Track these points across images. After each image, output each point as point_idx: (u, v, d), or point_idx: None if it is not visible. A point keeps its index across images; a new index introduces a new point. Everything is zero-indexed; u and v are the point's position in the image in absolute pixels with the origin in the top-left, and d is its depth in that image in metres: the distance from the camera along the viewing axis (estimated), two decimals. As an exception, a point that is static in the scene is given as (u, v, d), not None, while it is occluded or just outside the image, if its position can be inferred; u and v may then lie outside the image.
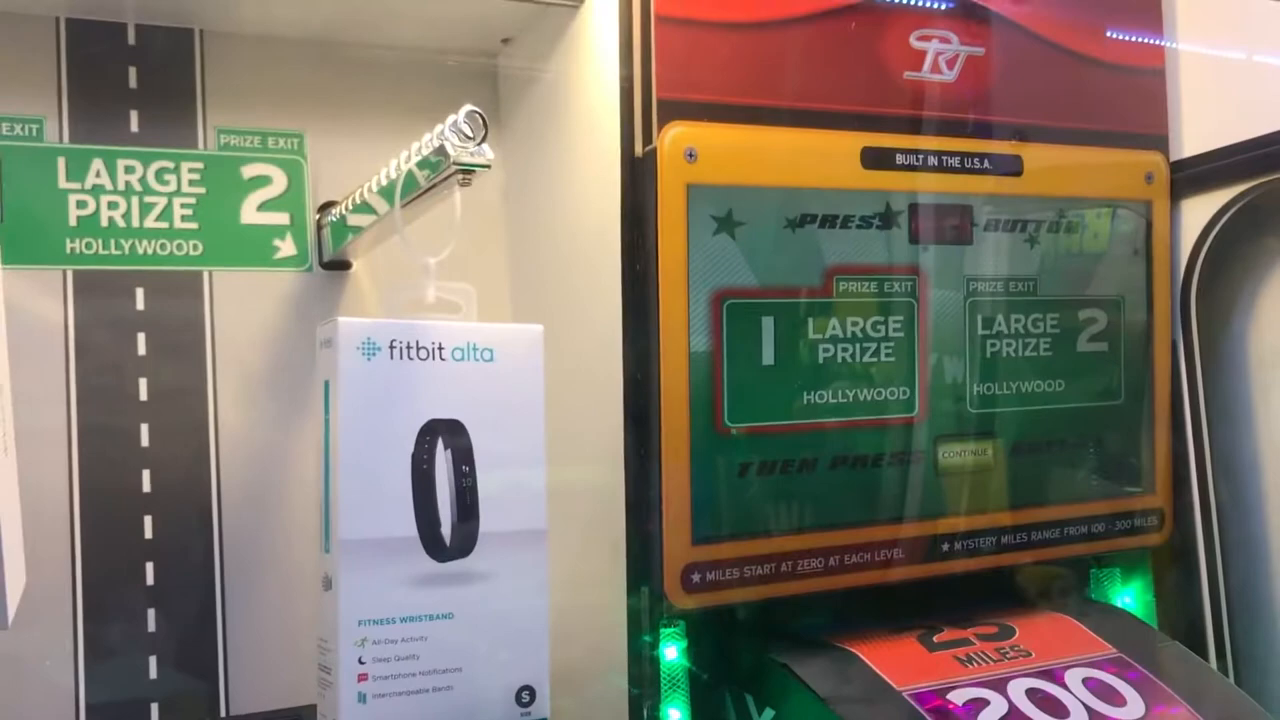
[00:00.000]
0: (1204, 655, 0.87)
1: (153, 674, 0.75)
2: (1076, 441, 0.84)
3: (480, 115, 0.57)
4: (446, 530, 0.61)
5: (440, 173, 0.59)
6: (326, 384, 0.61)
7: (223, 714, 0.76)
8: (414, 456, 0.60)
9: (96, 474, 0.74)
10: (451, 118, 0.58)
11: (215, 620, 0.76)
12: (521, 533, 0.63)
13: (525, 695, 0.64)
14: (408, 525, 0.60)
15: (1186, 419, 0.88)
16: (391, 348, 0.61)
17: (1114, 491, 0.86)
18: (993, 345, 0.80)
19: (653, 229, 0.69)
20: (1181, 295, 0.88)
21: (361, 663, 0.59)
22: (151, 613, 0.75)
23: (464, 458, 0.61)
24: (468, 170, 0.57)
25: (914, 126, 0.77)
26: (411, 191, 0.63)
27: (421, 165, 0.61)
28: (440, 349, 0.62)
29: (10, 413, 0.55)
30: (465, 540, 0.61)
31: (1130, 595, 0.90)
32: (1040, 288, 0.82)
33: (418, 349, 0.61)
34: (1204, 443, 0.88)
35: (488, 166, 0.58)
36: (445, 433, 0.61)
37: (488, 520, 0.62)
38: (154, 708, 0.75)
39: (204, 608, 0.76)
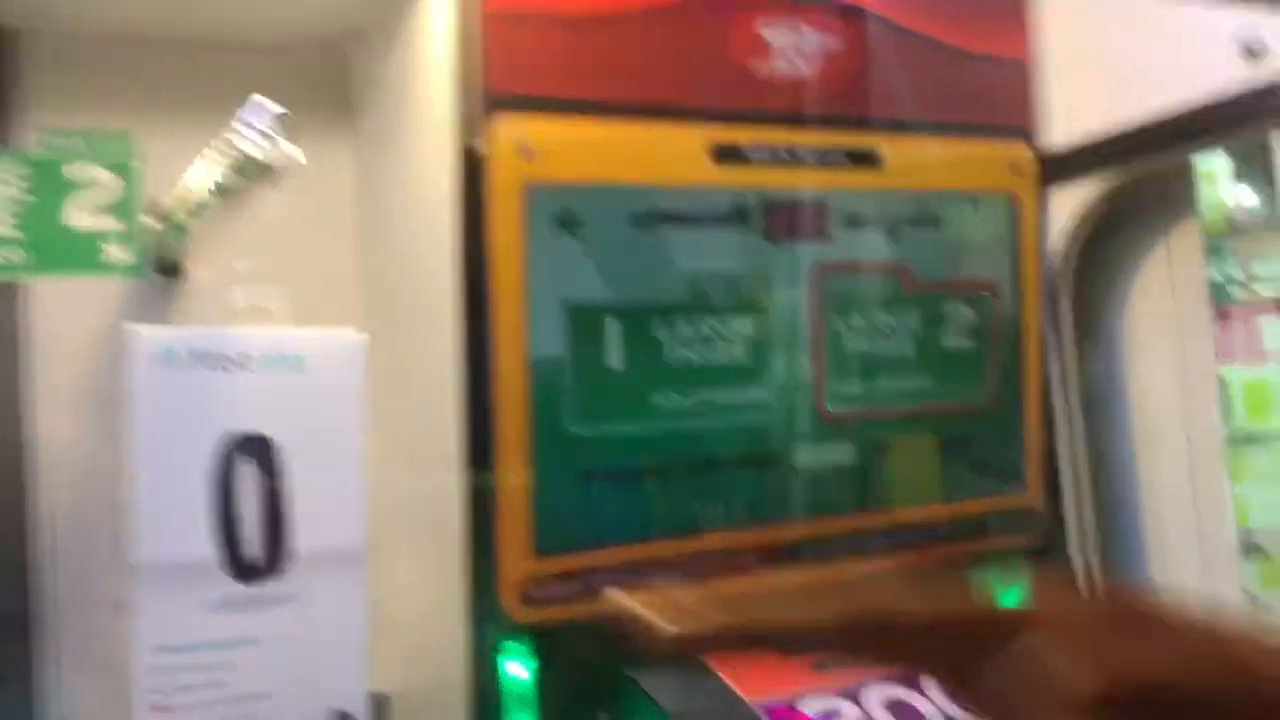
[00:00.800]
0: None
1: (-27, 704, 0.71)
2: (942, 440, 0.82)
3: (273, 111, 0.54)
4: (251, 550, 0.58)
5: (246, 176, 0.56)
6: (123, 394, 0.58)
7: (47, 741, 0.72)
8: (213, 473, 0.57)
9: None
10: (246, 113, 0.55)
11: (38, 671, 0.72)
12: (336, 551, 0.60)
13: (340, 720, 0.61)
14: (206, 546, 0.57)
15: (1059, 415, 0.86)
16: (191, 356, 0.58)
17: (983, 491, 0.84)
18: (853, 344, 0.78)
19: (487, 230, 0.67)
20: (1051, 288, 0.87)
21: (158, 694, 0.56)
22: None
23: (270, 473, 0.58)
24: (268, 168, 0.54)
25: (766, 120, 0.75)
26: (223, 190, 0.60)
27: (234, 167, 0.58)
28: (247, 358, 0.58)
29: None
30: (274, 561, 0.58)
31: (1010, 599, 0.88)
32: (902, 284, 0.80)
33: (220, 357, 0.58)
34: (1077, 439, 0.86)
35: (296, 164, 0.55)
36: (249, 447, 0.58)
37: (299, 539, 0.59)
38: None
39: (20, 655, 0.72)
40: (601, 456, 0.70)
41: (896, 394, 0.80)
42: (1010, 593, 0.84)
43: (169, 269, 0.76)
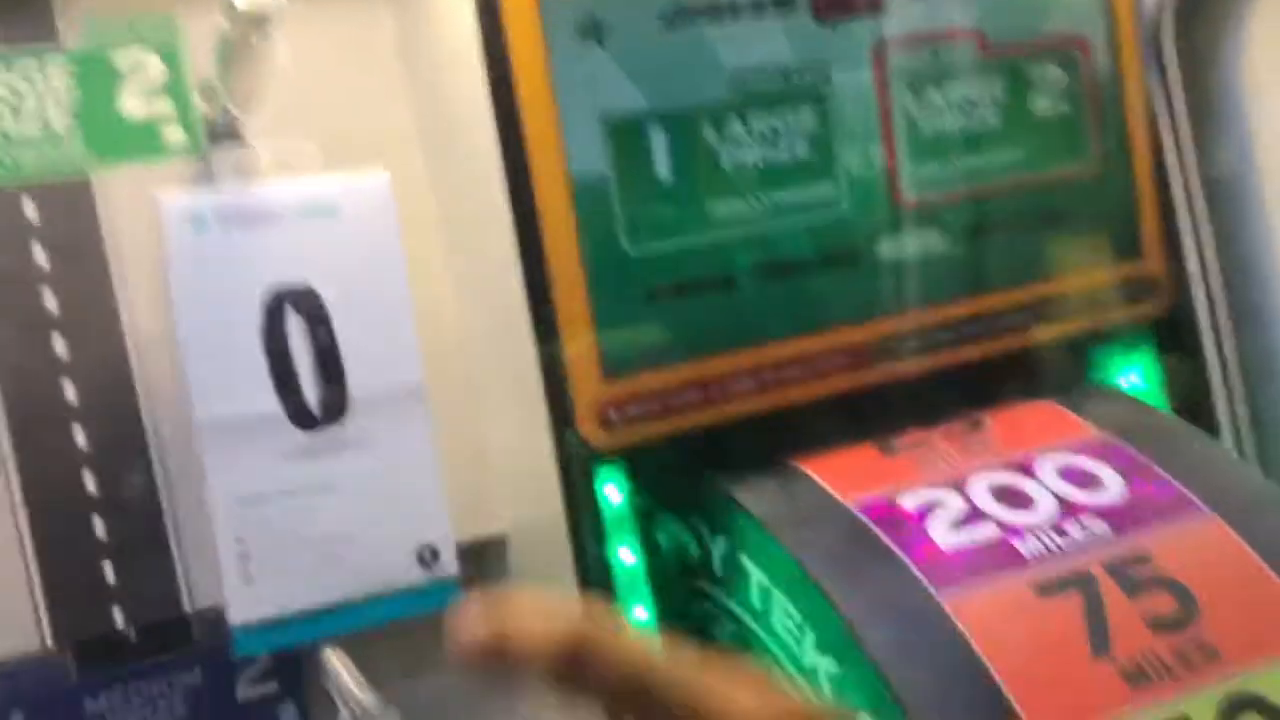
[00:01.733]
0: (1216, 432, 0.80)
1: (110, 579, 0.75)
2: (1041, 215, 0.77)
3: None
4: (311, 399, 0.58)
5: (236, 26, 0.55)
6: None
7: (186, 609, 0.76)
8: (263, 328, 0.58)
9: (17, 389, 0.73)
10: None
11: (162, 518, 0.75)
12: (396, 390, 0.60)
13: (427, 554, 0.62)
14: (269, 399, 0.58)
15: (1175, 175, 0.79)
16: (222, 217, 0.58)
17: (1094, 264, 0.78)
18: (927, 122, 0.73)
19: (508, 49, 0.64)
20: (1154, 36, 0.79)
21: (241, 542, 0.58)
22: (98, 520, 0.75)
23: (318, 321, 0.58)
24: (255, 19, 0.53)
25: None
26: (230, 55, 0.59)
27: (226, 17, 0.57)
28: (277, 211, 0.58)
29: None
30: (333, 406, 0.59)
31: (1136, 374, 0.83)
32: (976, 51, 0.74)
33: (251, 215, 0.58)
34: (1195, 199, 0.79)
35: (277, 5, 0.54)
36: (294, 299, 0.58)
37: (356, 382, 0.59)
38: (117, 610, 0.75)
39: (148, 506, 0.75)
40: (661, 273, 0.68)
41: (983, 170, 0.75)
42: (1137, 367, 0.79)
43: (224, 141, 0.76)
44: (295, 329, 0.58)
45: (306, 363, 0.58)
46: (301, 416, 0.58)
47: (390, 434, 0.60)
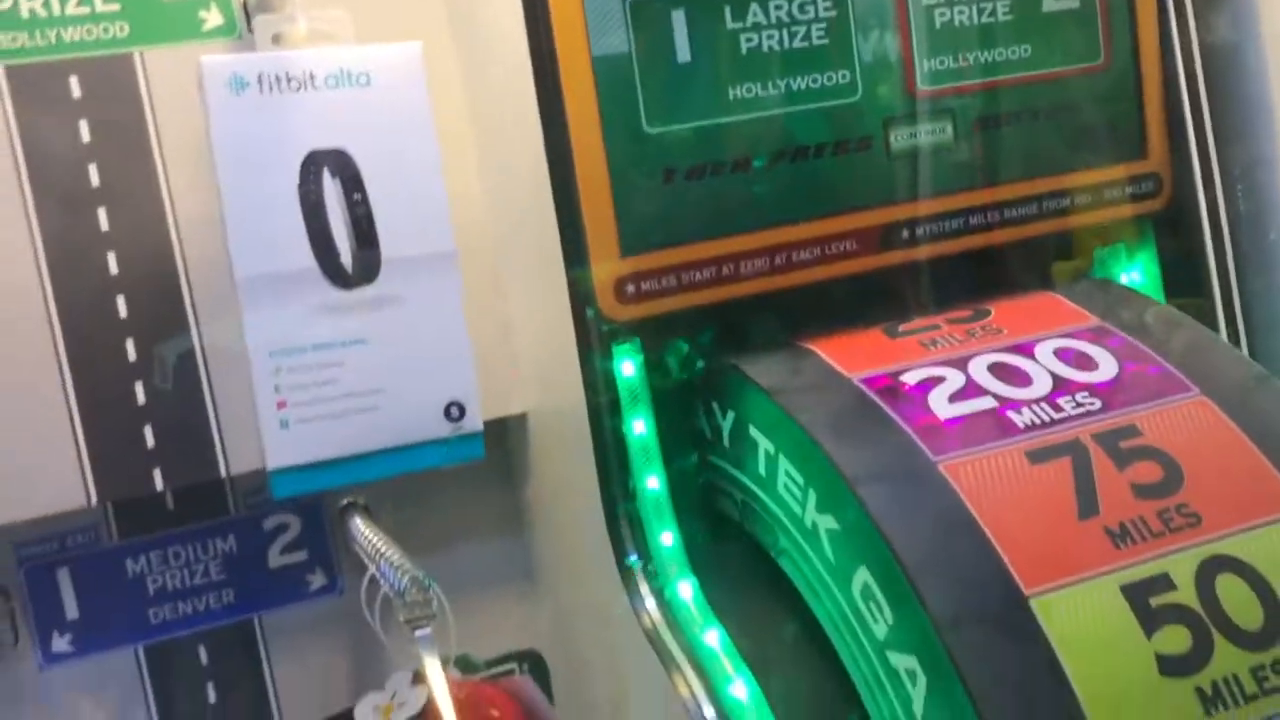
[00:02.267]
0: (1213, 324, 0.82)
1: (149, 443, 0.79)
2: (1050, 110, 0.79)
3: None
4: (346, 258, 0.62)
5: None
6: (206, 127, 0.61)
7: (222, 473, 0.80)
8: (300, 189, 0.61)
9: (62, 260, 0.77)
10: None
11: (200, 386, 0.79)
12: (428, 255, 0.64)
13: (454, 410, 0.65)
14: (305, 256, 0.61)
15: (1179, 75, 0.81)
16: (260, 81, 0.61)
17: (1099, 160, 0.81)
18: (941, 14, 0.75)
19: (536, -70, 0.67)
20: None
21: (278, 391, 0.61)
22: (139, 386, 0.79)
23: (353, 185, 0.62)
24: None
25: None
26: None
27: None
28: (312, 77, 0.61)
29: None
30: (367, 266, 0.62)
31: (1137, 270, 0.85)
32: (991, -54, 0.76)
33: (288, 79, 0.61)
34: (1200, 97, 0.81)
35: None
36: (330, 162, 0.61)
37: (390, 245, 0.63)
38: (156, 473, 0.80)
39: (187, 375, 0.79)
40: (679, 153, 0.70)
41: (993, 64, 0.77)
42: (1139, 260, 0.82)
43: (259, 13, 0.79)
44: (330, 191, 0.61)
45: (341, 223, 0.61)
46: (336, 274, 0.62)
47: (421, 295, 0.63)
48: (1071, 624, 0.58)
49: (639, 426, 0.75)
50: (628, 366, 0.74)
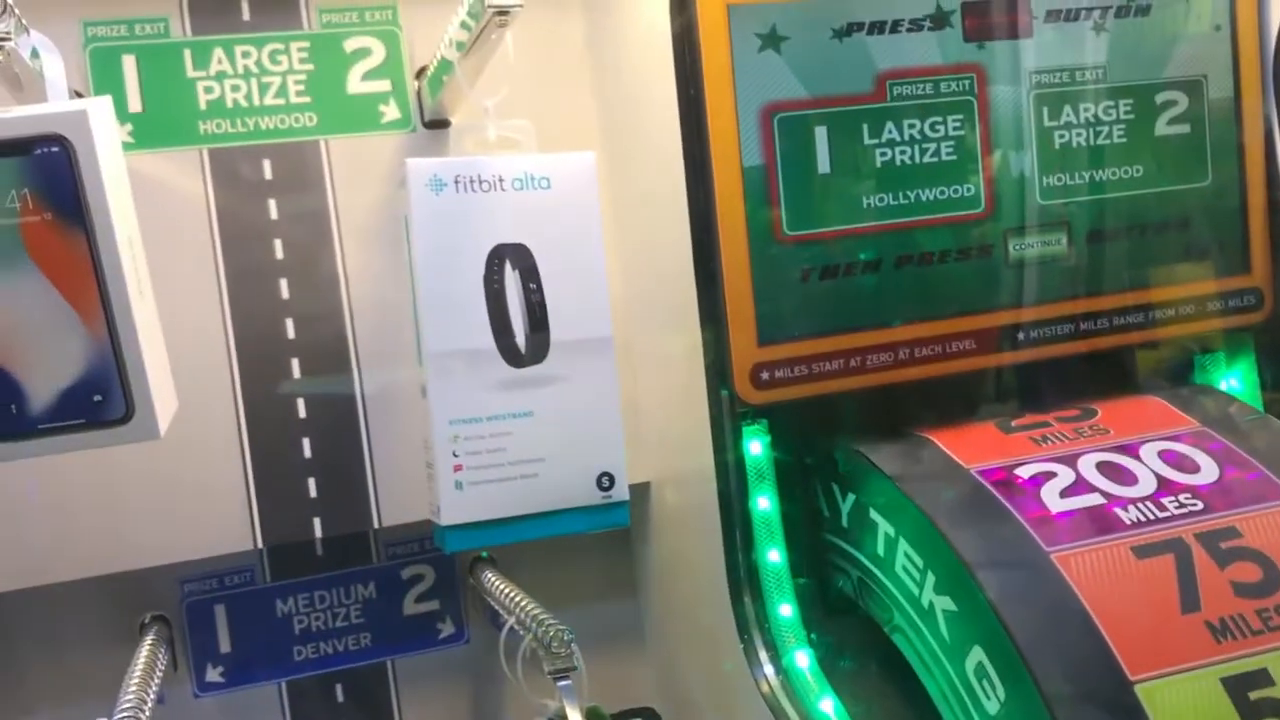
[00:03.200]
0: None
1: (312, 493, 0.87)
2: (1160, 225, 0.85)
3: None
4: (520, 340, 0.69)
5: (480, 20, 0.65)
6: (405, 219, 0.69)
7: (375, 525, 0.87)
8: (485, 278, 0.68)
9: (246, 325, 0.85)
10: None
11: (361, 444, 0.87)
12: (589, 340, 0.71)
13: (605, 480, 0.72)
14: (485, 338, 0.69)
15: (1284, 196, 0.87)
16: (456, 182, 0.69)
17: (1204, 274, 0.86)
18: (1061, 136, 0.82)
19: (699, 51, 0.74)
20: (1275, 70, 0.86)
21: (456, 456, 0.68)
22: (306, 441, 0.87)
23: (530, 276, 0.69)
24: (501, 11, 0.63)
25: (961, -75, 0.78)
26: (465, 43, 0.69)
27: (469, 14, 0.68)
28: (501, 180, 0.69)
29: (143, 260, 0.66)
30: (538, 348, 0.70)
31: (1236, 378, 0.90)
32: (1110, 74, 0.82)
33: (480, 182, 0.69)
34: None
35: (519, 5, 0.64)
36: (511, 255, 0.69)
37: (557, 330, 0.70)
38: (316, 521, 0.87)
39: (350, 435, 0.87)
40: (816, 255, 0.77)
41: (1107, 183, 0.83)
42: (1237, 371, 0.87)
43: (434, 121, 0.88)
44: (511, 280, 0.69)
45: (518, 309, 0.69)
46: (511, 355, 0.69)
47: (582, 375, 0.70)
48: (1173, 710, 0.63)
49: (763, 503, 0.80)
50: (755, 446, 0.80)
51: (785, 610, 0.80)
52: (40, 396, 0.62)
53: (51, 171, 0.59)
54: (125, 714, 0.67)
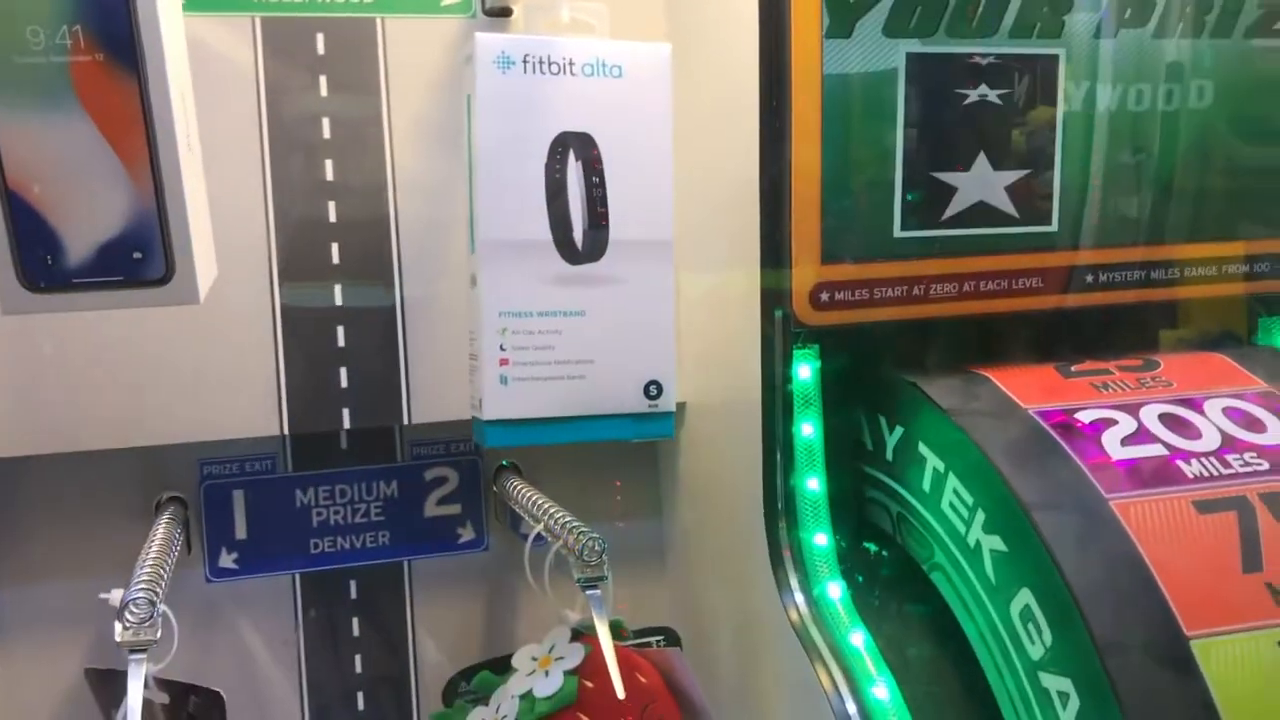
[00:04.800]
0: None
1: (343, 383, 0.84)
2: (1234, 187, 0.81)
3: None
4: (578, 235, 0.66)
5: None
6: (468, 98, 0.66)
7: (404, 421, 0.85)
8: (547, 166, 0.65)
9: (287, 202, 0.83)
10: None
11: (396, 336, 0.84)
12: (649, 242, 0.68)
13: (653, 389, 0.69)
14: (542, 229, 0.66)
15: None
16: (525, 61, 0.65)
17: (1273, 231, 0.83)
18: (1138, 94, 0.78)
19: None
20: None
21: (503, 350, 0.66)
22: (340, 329, 0.84)
23: (593, 169, 0.66)
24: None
25: None
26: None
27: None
28: (571, 64, 0.65)
29: (194, 118, 0.63)
30: (595, 245, 0.66)
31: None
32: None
33: (549, 63, 0.65)
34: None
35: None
36: (576, 145, 0.66)
37: (616, 228, 0.67)
38: (345, 412, 0.85)
39: (386, 324, 0.84)
40: (888, 178, 0.74)
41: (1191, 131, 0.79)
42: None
43: (495, 8, 0.84)
44: (573, 171, 0.66)
45: (578, 203, 0.66)
46: (568, 250, 0.66)
47: (639, 278, 0.68)
48: (1228, 669, 0.61)
49: (807, 429, 0.78)
50: (805, 370, 0.77)
51: (820, 539, 0.77)
52: (77, 249, 0.59)
53: (107, 8, 0.56)
54: (142, 586, 0.65)
